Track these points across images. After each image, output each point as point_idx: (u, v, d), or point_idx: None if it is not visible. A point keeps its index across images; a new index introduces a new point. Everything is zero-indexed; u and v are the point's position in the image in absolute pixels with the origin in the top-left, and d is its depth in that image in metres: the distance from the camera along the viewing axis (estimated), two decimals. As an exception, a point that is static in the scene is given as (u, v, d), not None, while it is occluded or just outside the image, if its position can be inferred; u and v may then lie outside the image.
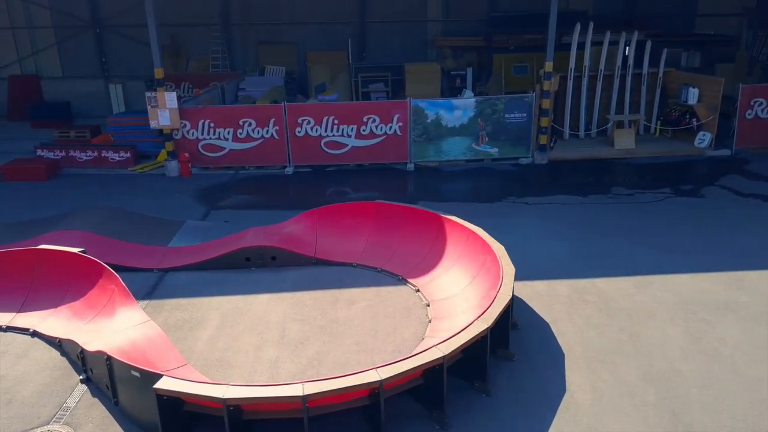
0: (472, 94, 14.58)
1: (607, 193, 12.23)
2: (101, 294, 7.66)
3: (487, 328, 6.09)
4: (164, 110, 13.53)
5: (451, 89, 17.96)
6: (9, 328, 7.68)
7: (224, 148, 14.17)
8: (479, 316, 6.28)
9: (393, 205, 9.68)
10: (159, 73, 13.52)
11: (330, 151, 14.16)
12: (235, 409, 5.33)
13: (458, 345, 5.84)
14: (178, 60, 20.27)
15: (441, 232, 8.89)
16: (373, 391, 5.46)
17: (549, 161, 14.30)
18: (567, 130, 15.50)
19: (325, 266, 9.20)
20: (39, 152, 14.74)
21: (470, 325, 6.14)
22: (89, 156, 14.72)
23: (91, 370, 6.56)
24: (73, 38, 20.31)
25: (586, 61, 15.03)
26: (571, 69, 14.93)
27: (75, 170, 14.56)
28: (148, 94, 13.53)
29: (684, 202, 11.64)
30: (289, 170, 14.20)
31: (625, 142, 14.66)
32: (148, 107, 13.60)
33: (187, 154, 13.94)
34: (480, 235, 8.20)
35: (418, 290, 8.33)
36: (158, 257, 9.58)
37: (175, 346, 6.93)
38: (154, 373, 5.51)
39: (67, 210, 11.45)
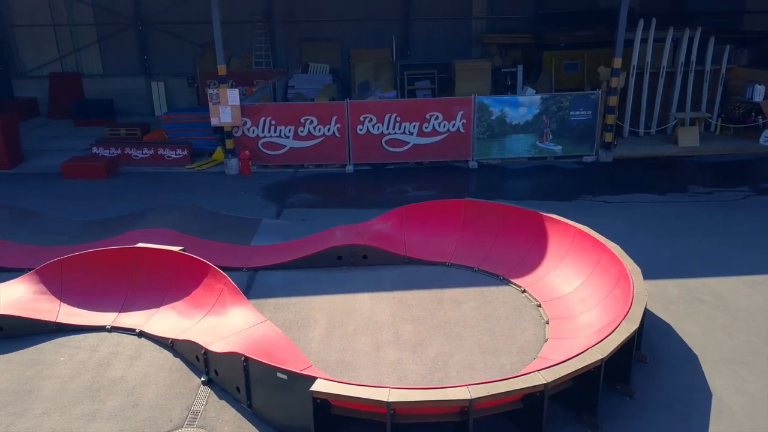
0: (534, 92, 14.35)
1: (685, 191, 12.01)
2: (208, 293, 7.48)
3: (635, 330, 5.88)
4: (226, 107, 13.35)
5: (502, 87, 17.75)
6: (114, 329, 7.50)
7: (284, 146, 13.98)
8: (624, 317, 6.06)
9: (483, 203, 9.49)
10: (222, 69, 13.36)
11: (391, 149, 13.97)
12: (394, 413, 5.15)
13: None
14: (221, 57, 20.03)
15: (540, 230, 8.70)
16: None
17: (613, 159, 14.07)
18: (627, 128, 15.27)
19: (417, 265, 9.01)
20: (94, 150, 14.57)
21: (615, 330, 5.91)
22: (145, 154, 14.55)
23: (215, 371, 6.38)
24: (115, 35, 20.12)
25: (648, 58, 14.79)
26: (633, 66, 14.71)
27: (131, 168, 14.39)
28: (210, 91, 13.35)
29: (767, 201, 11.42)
30: (350, 168, 14.00)
31: (689, 140, 14.43)
32: (210, 104, 13.42)
33: (248, 152, 13.75)
34: (589, 233, 8.00)
35: (524, 290, 8.13)
36: (246, 256, 9.41)
37: (297, 347, 6.73)
38: (308, 375, 5.32)
39: (139, 208, 11.30)
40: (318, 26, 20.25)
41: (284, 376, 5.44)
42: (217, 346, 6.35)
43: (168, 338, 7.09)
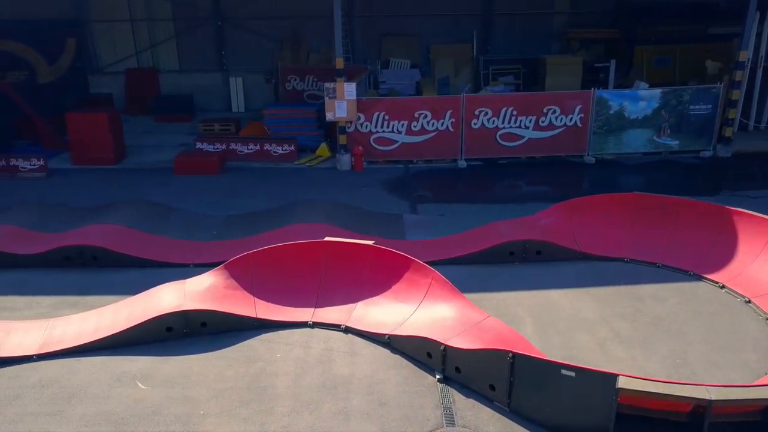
0: (647, 86, 14.07)
1: (830, 186, 11.75)
2: (412, 287, 7.25)
3: None
4: (342, 102, 13.13)
5: (592, 82, 17.47)
6: (315, 324, 7.28)
7: (396, 141, 13.75)
8: None
9: (652, 196, 9.22)
10: (339, 63, 13.14)
11: (505, 143, 13.73)
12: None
13: None
14: (299, 53, 19.86)
15: (726, 224, 8.43)
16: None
17: (732, 154, 13.79)
18: (737, 122, 14.96)
19: (593, 261, 8.77)
20: (199, 145, 14.37)
21: None
22: (250, 149, 14.35)
23: (456, 368, 6.14)
24: (192, 31, 19.95)
25: (762, 51, 14.50)
26: (748, 59, 14.40)
27: (237, 163, 14.19)
28: (327, 85, 13.13)
29: None
30: (462, 164, 13.77)
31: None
32: (326, 99, 13.21)
33: (361, 148, 13.53)
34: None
35: (723, 286, 7.87)
36: (410, 251, 9.15)
37: (532, 344, 6.49)
38: (608, 373, 5.08)
39: (267, 203, 11.17)
40: (398, 21, 20.01)
41: (571, 374, 5.20)
42: (458, 342, 6.12)
43: (383, 334, 6.87)
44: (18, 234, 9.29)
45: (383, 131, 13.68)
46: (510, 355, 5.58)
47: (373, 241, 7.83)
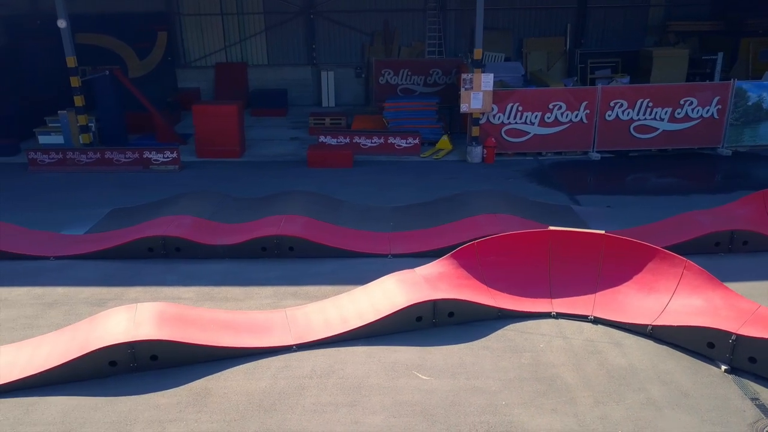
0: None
1: None
2: (660, 277, 7.04)
3: None
4: (478, 93, 12.94)
5: (698, 75, 17.26)
6: (559, 315, 7.10)
7: (528, 133, 13.57)
8: None
9: None
10: (478, 53, 12.96)
11: (639, 135, 13.51)
12: None
13: None
14: (392, 46, 19.70)
15: None
16: None
17: None
18: None
19: (802, 250, 8.55)
20: (322, 138, 14.20)
21: None
22: (374, 143, 14.19)
23: (751, 358, 5.94)
24: (282, 24, 19.80)
25: None
26: None
27: (362, 157, 14.01)
28: (464, 76, 12.94)
29: None
30: (596, 156, 13.57)
31: None
32: (462, 90, 13.03)
33: (493, 140, 13.35)
34: None
35: None
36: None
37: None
38: None
39: (433, 195, 10.99)
40: (490, 14, 19.71)
41: None
42: (751, 331, 5.93)
43: (644, 324, 6.68)
44: (203, 225, 9.14)
45: (515, 123, 13.49)
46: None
47: (603, 231, 7.65)
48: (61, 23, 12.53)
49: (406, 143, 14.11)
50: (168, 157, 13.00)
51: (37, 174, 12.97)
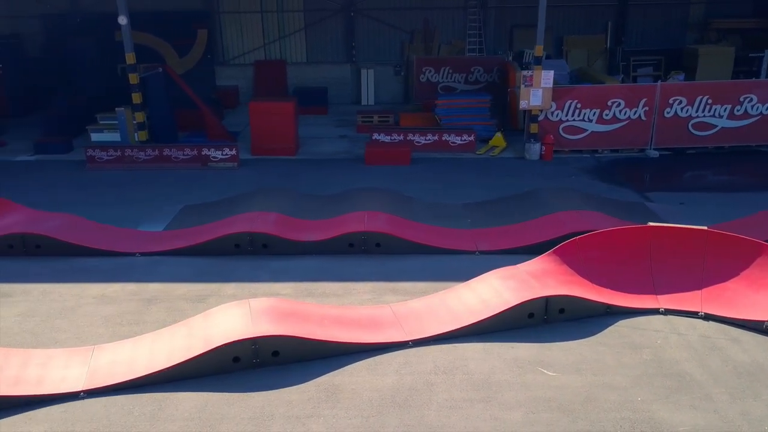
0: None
1: None
2: (769, 273, 6.99)
3: None
4: (537, 90, 12.89)
5: (742, 73, 17.21)
6: (667, 311, 7.05)
7: (586, 130, 13.52)
8: None
9: None
10: (539, 50, 12.92)
11: (697, 132, 13.46)
12: None
13: None
14: (432, 45, 19.66)
15: None
16: None
17: None
18: None
19: None
20: (375, 136, 14.16)
21: None
22: (428, 140, 14.14)
23: None
24: (321, 22, 19.77)
25: None
26: None
27: (416, 154, 13.95)
28: (524, 72, 12.90)
29: None
30: (654, 153, 13.52)
31: None
32: (521, 86, 12.98)
33: (552, 137, 13.30)
34: None
35: None
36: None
37: None
38: None
39: (500, 193, 10.96)
40: (530, 12, 19.65)
41: None
42: None
43: (760, 321, 6.62)
44: (287, 221, 9.11)
45: (574, 120, 13.45)
46: None
47: (705, 226, 7.60)
48: (122, 20, 12.54)
49: (461, 140, 14.06)
50: (227, 155, 12.97)
51: (97, 171, 12.94)
